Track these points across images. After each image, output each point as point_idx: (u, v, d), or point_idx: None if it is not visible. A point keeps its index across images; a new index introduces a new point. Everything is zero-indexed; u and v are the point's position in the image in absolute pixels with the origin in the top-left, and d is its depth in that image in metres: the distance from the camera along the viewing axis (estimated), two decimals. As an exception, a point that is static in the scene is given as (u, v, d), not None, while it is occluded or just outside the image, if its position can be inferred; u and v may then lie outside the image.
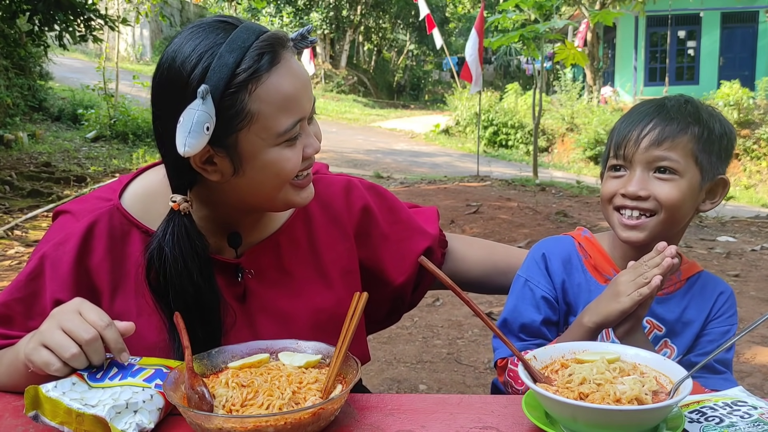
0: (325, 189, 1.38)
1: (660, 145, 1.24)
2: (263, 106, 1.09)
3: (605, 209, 1.33)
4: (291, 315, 1.28)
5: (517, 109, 17.74)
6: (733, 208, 9.79)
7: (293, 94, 1.11)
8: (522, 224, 7.09)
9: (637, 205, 1.26)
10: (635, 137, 1.26)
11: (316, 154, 1.19)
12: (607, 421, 0.92)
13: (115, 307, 1.19)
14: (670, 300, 1.34)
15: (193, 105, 1.04)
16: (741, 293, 4.91)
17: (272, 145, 1.12)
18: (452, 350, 3.95)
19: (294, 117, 1.12)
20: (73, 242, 1.19)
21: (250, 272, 1.27)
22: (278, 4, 25.18)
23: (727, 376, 1.30)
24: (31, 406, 0.99)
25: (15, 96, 11.81)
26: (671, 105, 1.29)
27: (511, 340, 1.33)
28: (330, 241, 1.36)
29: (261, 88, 1.08)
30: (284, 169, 1.14)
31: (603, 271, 1.36)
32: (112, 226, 1.21)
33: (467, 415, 1.04)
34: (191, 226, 1.15)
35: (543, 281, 1.36)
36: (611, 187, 1.30)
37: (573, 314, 1.36)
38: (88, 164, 10.29)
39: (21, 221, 6.65)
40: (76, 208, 1.25)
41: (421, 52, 30.37)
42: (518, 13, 10.86)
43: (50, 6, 7.78)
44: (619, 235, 1.30)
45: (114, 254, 1.21)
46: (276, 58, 1.11)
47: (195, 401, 0.98)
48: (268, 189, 1.17)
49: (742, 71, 18.41)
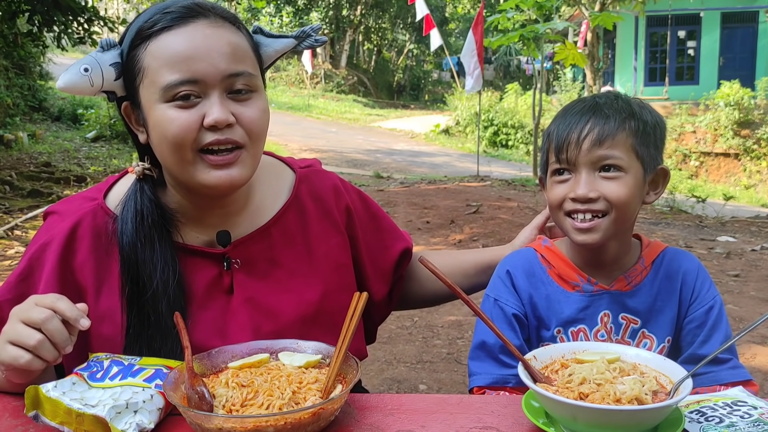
0: (319, 183, 1.38)
1: (602, 144, 1.24)
2: (152, 60, 1.12)
3: (556, 215, 1.31)
4: (278, 308, 1.27)
5: (517, 109, 17.75)
6: (733, 208, 9.79)
7: (184, 53, 1.11)
8: (522, 224, 7.05)
9: (588, 208, 1.25)
10: (575, 139, 1.25)
11: (221, 126, 1.11)
12: (607, 421, 0.92)
13: (100, 305, 1.20)
14: (639, 291, 1.33)
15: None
16: (741, 293, 4.91)
17: (158, 102, 1.12)
18: (452, 350, 3.95)
19: (179, 75, 1.10)
20: (57, 243, 1.20)
21: (236, 262, 1.26)
22: (278, 3, 25.19)
23: (734, 362, 1.29)
24: (31, 406, 0.99)
25: (15, 96, 11.82)
26: (603, 102, 1.29)
27: (491, 365, 1.33)
28: (323, 234, 1.35)
29: (153, 43, 1.12)
30: (168, 130, 1.11)
31: (568, 278, 1.34)
32: (96, 225, 1.22)
33: (467, 415, 1.04)
34: (148, 189, 1.21)
35: (511, 299, 1.35)
36: (559, 193, 1.28)
37: (545, 328, 1.34)
38: (88, 164, 10.29)
39: (21, 221, 6.66)
40: (62, 208, 1.26)
41: (421, 52, 30.36)
42: (518, 13, 10.85)
43: (49, 7, 7.78)
44: (574, 240, 1.28)
45: (98, 253, 1.22)
46: (180, 21, 1.13)
47: (195, 401, 0.98)
48: (168, 154, 1.15)
49: (742, 71, 18.39)
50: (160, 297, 1.18)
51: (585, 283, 1.33)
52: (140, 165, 1.22)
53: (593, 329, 1.32)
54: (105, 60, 1.14)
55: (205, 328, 1.22)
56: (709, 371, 1.26)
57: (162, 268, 1.18)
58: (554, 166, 1.29)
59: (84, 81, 1.13)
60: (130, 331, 1.18)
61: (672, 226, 7.67)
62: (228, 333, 1.23)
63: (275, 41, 1.26)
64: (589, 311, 1.32)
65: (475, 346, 1.35)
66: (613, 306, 1.32)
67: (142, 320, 1.18)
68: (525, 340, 1.35)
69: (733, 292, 4.91)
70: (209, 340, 1.20)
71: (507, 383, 1.30)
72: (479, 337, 1.35)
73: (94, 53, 1.15)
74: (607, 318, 1.32)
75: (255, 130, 1.16)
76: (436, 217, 7.53)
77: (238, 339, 1.19)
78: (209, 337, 1.21)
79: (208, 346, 1.16)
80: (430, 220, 7.40)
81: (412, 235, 6.91)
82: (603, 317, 1.32)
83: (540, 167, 1.39)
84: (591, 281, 1.33)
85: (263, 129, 1.18)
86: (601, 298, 1.32)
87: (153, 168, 1.23)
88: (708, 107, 16.28)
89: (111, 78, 1.15)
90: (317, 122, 19.44)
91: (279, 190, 1.35)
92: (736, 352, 1.34)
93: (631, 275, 1.33)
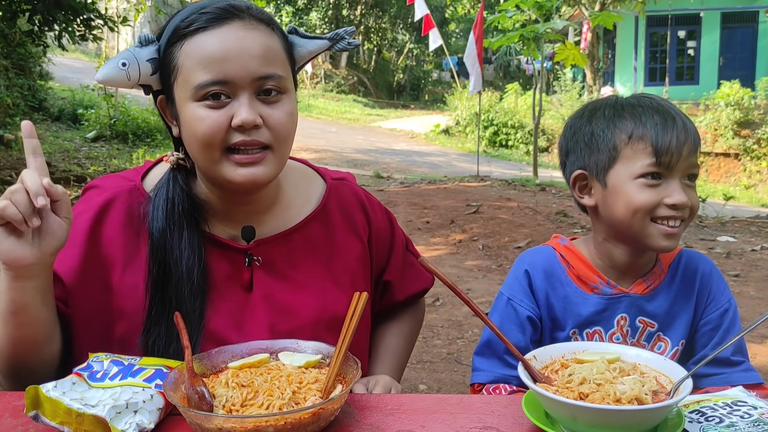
0: (348, 196, 1.40)
1: (695, 152, 1.23)
2: (186, 59, 1.15)
3: (639, 222, 1.24)
4: (295, 309, 1.28)
5: (517, 109, 17.74)
6: (733, 208, 9.78)
7: (217, 54, 1.13)
8: (522, 224, 7.08)
9: (682, 215, 1.23)
10: (677, 144, 1.21)
11: (248, 126, 1.13)
12: (607, 421, 0.92)
13: (125, 280, 1.23)
14: (657, 294, 1.32)
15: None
16: (741, 293, 4.92)
17: (190, 100, 1.15)
18: (452, 350, 3.95)
19: (211, 75, 1.12)
20: (91, 212, 1.24)
21: (257, 259, 1.28)
22: (278, 3, 25.18)
23: (747, 365, 1.28)
24: (31, 406, 0.99)
25: (15, 96, 11.81)
26: (667, 105, 1.28)
27: (495, 363, 1.32)
28: (346, 246, 1.36)
29: (189, 43, 1.15)
30: (198, 128, 1.14)
31: (588, 280, 1.33)
32: (131, 204, 1.26)
33: (467, 415, 1.04)
34: (181, 178, 1.24)
35: (526, 300, 1.33)
36: (652, 198, 1.22)
37: (560, 329, 1.33)
38: (88, 164, 10.29)
39: (21, 221, 6.64)
40: (101, 183, 1.32)
41: (421, 52, 30.36)
42: (518, 13, 10.85)
43: (50, 6, 7.78)
44: (658, 246, 1.24)
45: (128, 230, 1.25)
46: (215, 22, 1.14)
47: (195, 401, 0.98)
48: (196, 151, 1.18)
49: (742, 71, 18.38)
50: (184, 283, 1.21)
51: (604, 286, 1.32)
52: (174, 155, 1.26)
53: (609, 332, 1.31)
54: (142, 55, 1.17)
55: (223, 319, 1.24)
56: (722, 372, 1.26)
57: (188, 255, 1.21)
58: (648, 169, 1.22)
59: (122, 75, 1.16)
60: (152, 313, 1.21)
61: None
62: (244, 327, 1.24)
63: (309, 42, 1.27)
64: (606, 314, 1.31)
65: (482, 342, 1.35)
66: (631, 310, 1.31)
67: (164, 303, 1.21)
68: (537, 341, 1.33)
69: (733, 292, 4.89)
70: (225, 331, 1.22)
71: (508, 383, 1.30)
72: (487, 334, 1.34)
73: (132, 48, 1.18)
74: (624, 321, 1.31)
75: (282, 132, 1.18)
76: (436, 217, 7.53)
77: (253, 334, 1.21)
78: (226, 327, 1.23)
79: (224, 336, 1.20)
80: (430, 220, 7.40)
81: (411, 235, 6.90)
82: (620, 320, 1.31)
83: (587, 165, 1.30)
84: (611, 284, 1.31)
85: (290, 131, 1.20)
86: (620, 301, 1.31)
87: (186, 159, 1.25)
88: (708, 107, 16.27)
89: (147, 73, 1.18)
90: (317, 122, 19.43)
91: (308, 198, 1.37)
92: (748, 354, 1.33)
93: (650, 279, 1.32)
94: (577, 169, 1.32)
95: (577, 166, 1.33)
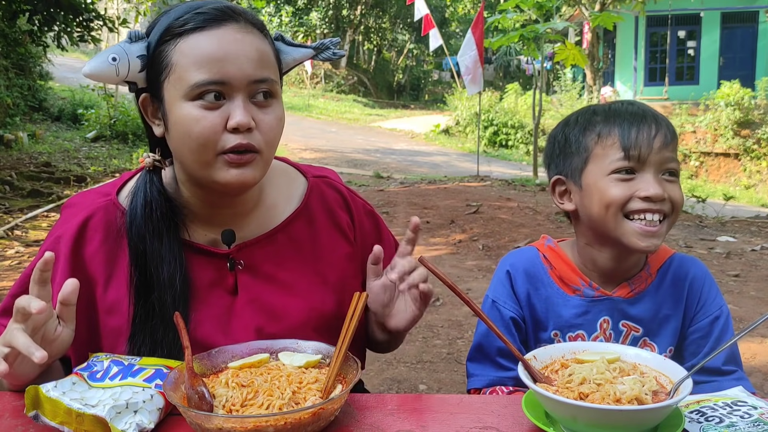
0: (330, 193, 1.38)
1: (668, 146, 1.22)
2: (181, 58, 1.13)
3: (612, 218, 1.22)
4: (283, 311, 1.27)
5: (517, 109, 17.74)
6: (733, 208, 9.78)
7: (215, 55, 1.12)
8: (522, 224, 7.09)
9: (660, 208, 1.20)
10: (646, 137, 1.20)
11: (243, 129, 1.13)
12: (607, 421, 0.92)
13: (108, 296, 1.22)
14: (642, 298, 1.31)
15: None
16: (741, 293, 4.92)
17: (184, 99, 1.13)
18: (452, 350, 3.95)
19: (208, 75, 1.12)
20: (69, 235, 1.24)
21: (239, 263, 1.26)
22: (278, 3, 25.19)
23: (739, 374, 1.27)
24: (31, 406, 0.99)
25: (15, 96, 11.81)
26: (641, 105, 1.28)
27: (488, 367, 1.32)
28: (332, 245, 1.35)
29: (184, 42, 1.14)
30: (193, 129, 1.13)
31: (570, 281, 1.32)
32: (108, 220, 1.25)
33: (467, 415, 1.04)
34: (158, 181, 1.23)
35: (509, 301, 1.33)
36: (623, 191, 1.21)
37: (543, 330, 1.32)
38: (88, 164, 10.29)
39: (21, 221, 6.66)
40: (78, 201, 1.30)
41: (421, 52, 30.35)
42: (518, 14, 10.86)
43: (50, 6, 7.79)
44: (637, 246, 1.21)
45: (108, 246, 1.24)
46: (211, 22, 1.14)
47: (195, 401, 0.98)
48: (187, 152, 1.16)
49: (742, 71, 18.38)
50: (166, 289, 1.20)
51: (586, 288, 1.31)
52: (150, 156, 1.24)
53: (592, 335, 1.31)
54: (133, 51, 1.16)
55: (209, 325, 1.23)
56: (713, 380, 1.25)
57: (169, 260, 1.20)
58: (619, 164, 1.22)
59: (111, 70, 1.15)
60: (136, 321, 1.20)
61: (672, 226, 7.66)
62: (231, 332, 1.23)
63: (294, 50, 1.27)
64: (589, 317, 1.31)
65: (473, 347, 1.35)
66: (613, 313, 1.30)
67: (147, 311, 1.20)
68: (522, 342, 1.34)
69: (733, 292, 4.91)
70: (212, 337, 1.21)
71: (504, 385, 1.30)
72: (477, 339, 1.34)
73: (122, 43, 1.16)
74: (607, 324, 1.30)
75: (271, 136, 1.18)
76: (436, 217, 7.53)
77: (241, 339, 1.20)
78: (212, 333, 1.22)
79: (211, 342, 1.18)
80: (430, 220, 7.40)
81: (412, 235, 6.84)
82: (602, 323, 1.30)
83: (563, 170, 1.31)
84: (593, 286, 1.31)
85: (278, 136, 1.21)
86: (602, 303, 1.30)
87: (163, 160, 1.24)
88: (708, 107, 16.28)
89: (136, 69, 1.17)
90: (317, 122, 19.44)
91: (290, 197, 1.35)
92: (741, 363, 1.32)
93: (635, 282, 1.31)
94: (555, 175, 1.35)
95: (555, 172, 1.35)
